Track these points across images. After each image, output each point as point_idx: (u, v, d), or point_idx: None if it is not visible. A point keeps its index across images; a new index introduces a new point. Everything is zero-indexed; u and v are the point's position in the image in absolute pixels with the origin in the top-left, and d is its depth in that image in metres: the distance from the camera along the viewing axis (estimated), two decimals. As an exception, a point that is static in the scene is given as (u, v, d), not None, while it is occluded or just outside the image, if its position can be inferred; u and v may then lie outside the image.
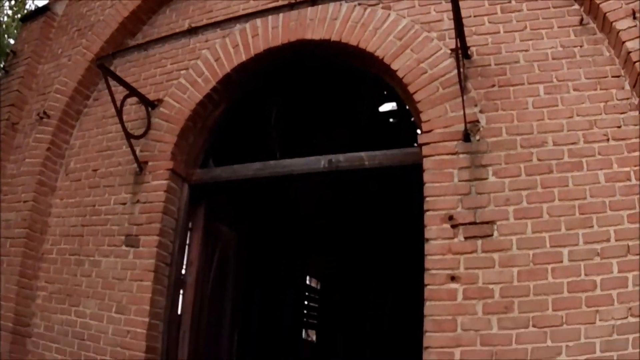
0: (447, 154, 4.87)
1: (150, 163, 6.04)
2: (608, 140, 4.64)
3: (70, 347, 5.89)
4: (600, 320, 4.18)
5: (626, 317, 4.14)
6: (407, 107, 6.30)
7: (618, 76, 4.82)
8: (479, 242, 4.54)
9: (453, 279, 4.48)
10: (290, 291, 13.41)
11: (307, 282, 15.43)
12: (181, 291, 5.87)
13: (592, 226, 4.43)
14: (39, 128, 6.91)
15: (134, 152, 5.91)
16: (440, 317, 4.43)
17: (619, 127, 4.66)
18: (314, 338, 15.59)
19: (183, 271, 5.96)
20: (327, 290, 15.66)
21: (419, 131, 5.20)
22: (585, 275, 4.32)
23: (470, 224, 4.61)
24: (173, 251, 5.77)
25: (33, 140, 6.90)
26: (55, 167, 6.82)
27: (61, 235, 6.48)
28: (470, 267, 4.48)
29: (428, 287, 4.54)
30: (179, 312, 5.80)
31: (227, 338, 6.25)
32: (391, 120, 10.48)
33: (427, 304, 4.49)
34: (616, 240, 4.35)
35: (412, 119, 7.70)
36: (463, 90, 4.87)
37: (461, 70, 4.84)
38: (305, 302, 15.04)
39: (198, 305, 5.79)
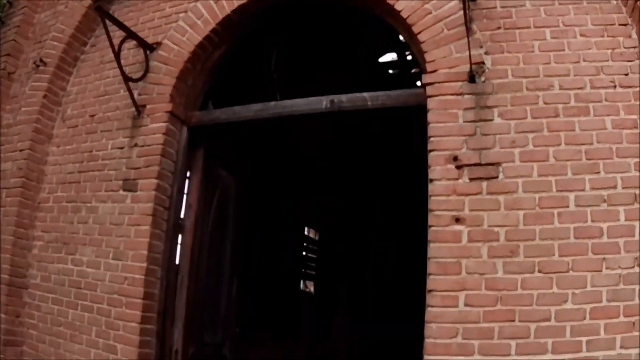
0: (452, 94, 4.42)
1: (148, 106, 5.54)
2: (615, 87, 4.23)
3: (66, 296, 5.47)
4: (606, 268, 3.84)
5: (633, 267, 3.80)
6: (409, 54, 5.85)
7: (625, 24, 4.38)
8: (484, 183, 4.12)
9: (457, 220, 4.07)
10: (292, 233, 12.90)
11: (306, 232, 14.52)
12: (180, 236, 5.35)
13: (599, 172, 4.05)
14: (35, 76, 6.37)
15: (132, 95, 5.44)
16: (444, 259, 4.03)
17: (626, 74, 4.24)
18: (312, 289, 14.77)
19: (182, 215, 5.49)
20: (326, 241, 14.70)
21: (419, 83, 4.62)
22: (592, 221, 3.95)
23: (475, 165, 4.18)
24: (171, 194, 5.32)
25: (29, 89, 6.37)
26: (52, 114, 6.29)
27: (58, 182, 5.98)
28: (475, 209, 4.08)
29: (432, 228, 4.13)
30: (178, 257, 5.32)
31: (226, 283, 5.77)
32: (391, 71, 9.90)
33: (431, 245, 4.10)
34: (623, 188, 3.99)
35: (412, 71, 7.21)
36: (468, 31, 4.41)
37: (467, 11, 4.35)
38: (304, 253, 14.17)
39: (197, 249, 5.34)
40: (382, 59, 9.65)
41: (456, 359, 3.83)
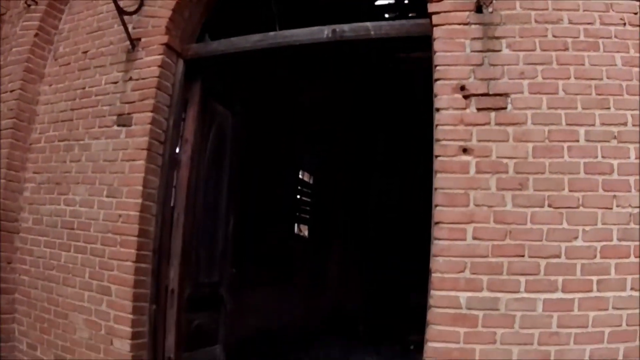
0: (459, 23, 3.86)
1: (143, 39, 4.92)
2: (625, 24, 3.73)
3: (59, 238, 4.91)
4: (617, 206, 3.41)
5: (643, 207, 3.33)
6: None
7: (634, -39, 3.84)
8: (492, 114, 3.62)
9: (465, 151, 3.57)
10: (290, 170, 12.04)
11: (300, 176, 13.35)
12: (175, 171, 4.83)
13: (609, 108, 3.57)
14: (26, 16, 5.73)
15: (126, 28, 4.84)
16: (451, 190, 3.54)
17: (635, 13, 3.74)
18: (306, 234, 13.80)
19: (177, 150, 4.88)
20: (320, 184, 13.70)
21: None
22: (602, 157, 3.49)
23: (483, 95, 3.66)
24: (167, 128, 4.75)
25: (20, 29, 5.73)
26: (44, 53, 5.66)
27: (50, 122, 5.36)
28: (483, 140, 3.58)
29: (439, 158, 3.63)
30: (173, 193, 4.76)
31: (223, 221, 5.18)
32: (387, 15, 9.22)
33: (438, 176, 3.60)
34: (633, 125, 3.53)
35: (409, 15, 6.60)
36: (475, -39, 3.82)
37: (473, -59, 3.78)
38: (298, 197, 13.07)
39: (193, 185, 4.75)
40: (379, 2, 8.95)
41: (464, 294, 3.39)
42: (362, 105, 13.14)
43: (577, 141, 3.49)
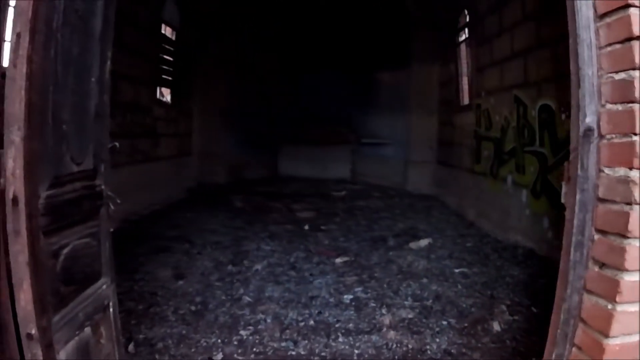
0: None
1: None
2: None
3: None
4: None
5: None
6: None
7: None
8: None
9: None
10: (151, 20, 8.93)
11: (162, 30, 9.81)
12: None
13: None
14: None
15: None
16: None
17: None
18: (169, 99, 10.75)
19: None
20: (184, 41, 10.50)
21: None
22: None
23: None
24: None
25: None
26: None
27: None
28: None
29: None
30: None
31: (97, 53, 2.14)
32: None
33: None
34: None
35: None
36: None
37: None
38: (160, 55, 9.67)
39: None
40: None
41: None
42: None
43: None
